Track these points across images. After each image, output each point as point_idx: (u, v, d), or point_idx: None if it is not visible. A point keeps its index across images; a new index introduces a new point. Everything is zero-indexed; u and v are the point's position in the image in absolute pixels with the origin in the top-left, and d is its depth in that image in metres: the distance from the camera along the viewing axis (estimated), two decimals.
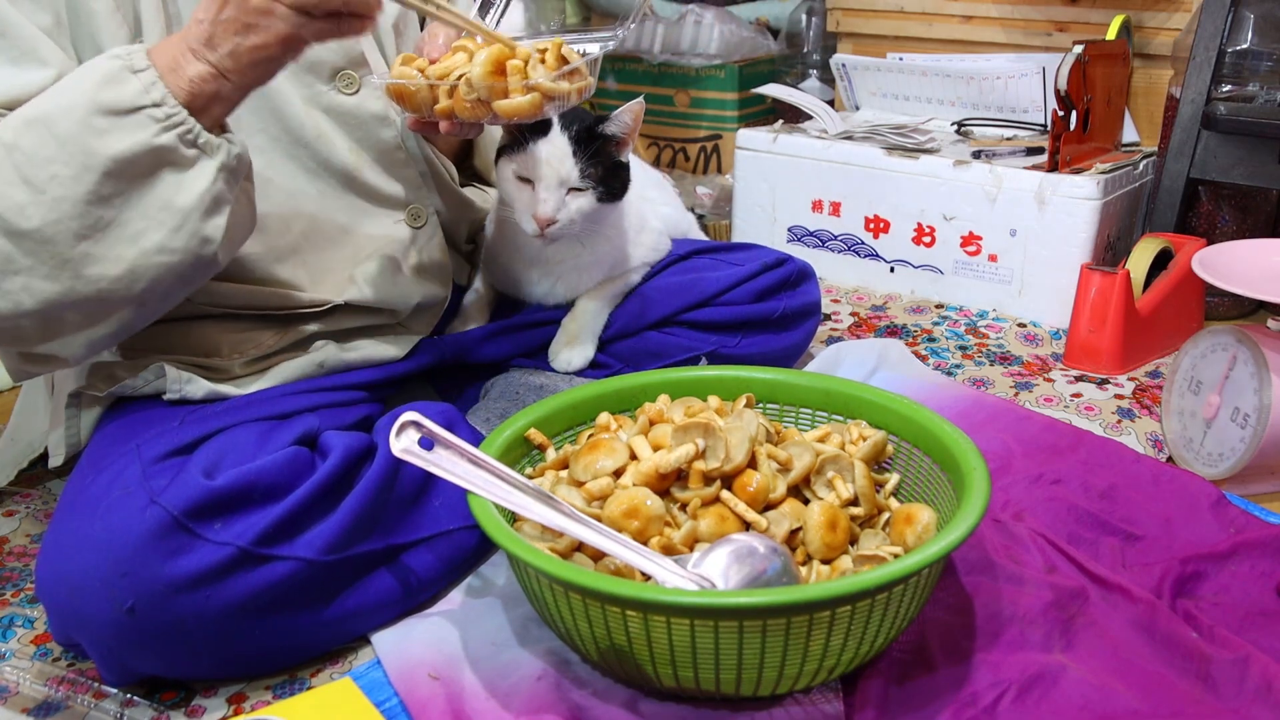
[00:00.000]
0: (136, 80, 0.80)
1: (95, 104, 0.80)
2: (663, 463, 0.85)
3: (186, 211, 0.83)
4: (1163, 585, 0.91)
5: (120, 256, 0.82)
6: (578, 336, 1.20)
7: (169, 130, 0.81)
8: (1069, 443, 1.15)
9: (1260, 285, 1.08)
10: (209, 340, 1.01)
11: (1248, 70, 1.49)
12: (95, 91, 0.80)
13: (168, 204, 0.82)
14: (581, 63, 0.92)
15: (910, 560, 0.73)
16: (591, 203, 1.10)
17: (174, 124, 0.81)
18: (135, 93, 0.80)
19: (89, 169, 0.80)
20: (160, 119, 0.81)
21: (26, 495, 1.15)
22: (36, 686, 0.83)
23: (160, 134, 0.81)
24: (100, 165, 0.80)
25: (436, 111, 0.91)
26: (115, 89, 0.80)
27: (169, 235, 0.83)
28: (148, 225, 0.82)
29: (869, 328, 1.56)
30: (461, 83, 0.89)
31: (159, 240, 0.83)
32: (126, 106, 0.80)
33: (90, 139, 0.79)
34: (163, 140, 0.81)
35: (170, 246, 0.83)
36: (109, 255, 0.82)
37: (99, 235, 0.81)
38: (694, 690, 0.78)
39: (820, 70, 2.16)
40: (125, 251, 0.82)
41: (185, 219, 0.83)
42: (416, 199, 1.10)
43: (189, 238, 0.84)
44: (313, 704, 0.80)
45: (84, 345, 0.87)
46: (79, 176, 0.79)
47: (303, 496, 0.85)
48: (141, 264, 0.83)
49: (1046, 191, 1.52)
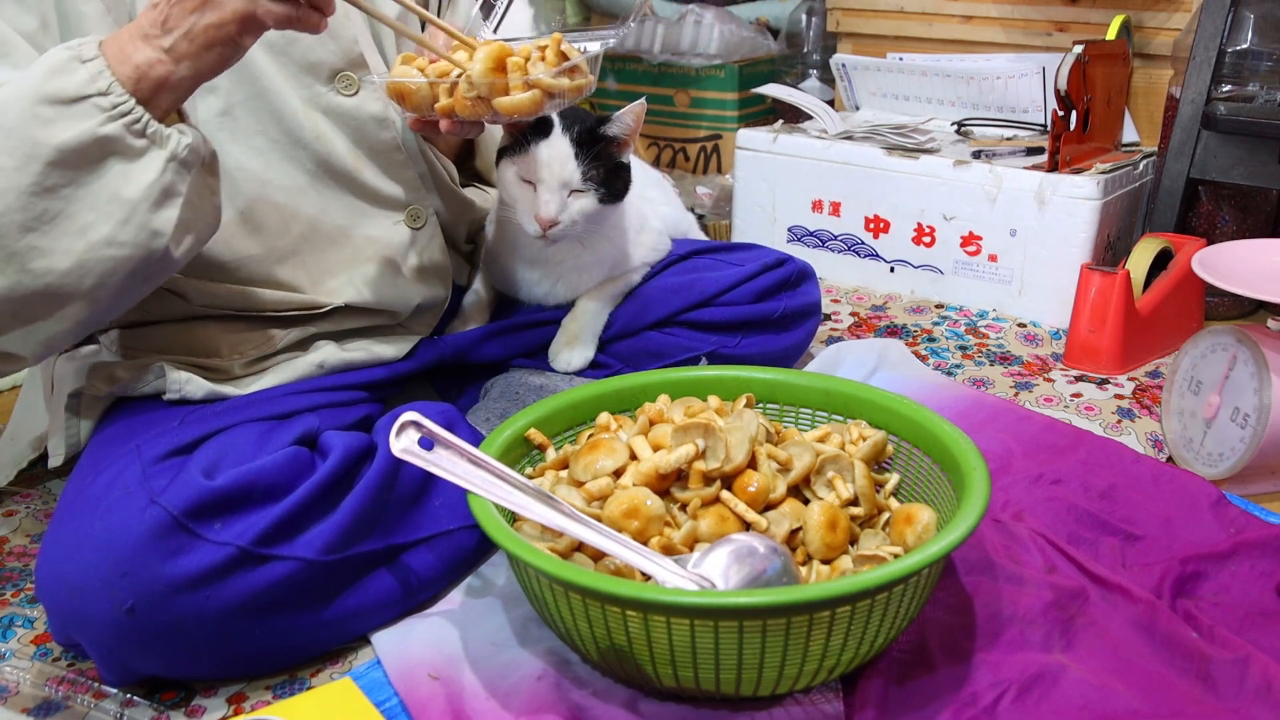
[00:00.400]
0: (84, 69, 0.79)
1: (41, 93, 0.78)
2: (663, 463, 0.85)
3: (134, 203, 0.81)
4: (1163, 585, 0.91)
5: (68, 249, 0.81)
6: (578, 337, 1.20)
7: (115, 120, 0.79)
8: (1069, 443, 1.15)
9: (1260, 285, 1.08)
10: (209, 340, 1.01)
11: (1248, 70, 1.49)
12: (42, 81, 0.79)
13: (115, 195, 0.81)
14: (581, 59, 0.91)
15: (910, 560, 0.73)
16: (593, 204, 1.10)
17: (120, 113, 0.80)
18: (81, 82, 0.79)
19: (33, 158, 0.78)
20: (106, 108, 0.79)
21: (26, 495, 1.15)
22: (36, 686, 0.83)
23: (106, 123, 0.79)
24: (45, 155, 0.78)
25: (437, 110, 0.91)
26: (62, 78, 0.79)
27: (117, 227, 0.81)
28: (95, 217, 0.81)
29: (869, 328, 1.56)
30: (461, 80, 0.88)
31: (106, 233, 0.81)
32: (71, 95, 0.79)
33: (35, 128, 0.78)
34: (108, 130, 0.79)
35: (118, 239, 0.81)
36: (56, 248, 0.80)
37: (45, 227, 0.80)
38: (694, 690, 0.78)
39: (820, 70, 2.16)
40: (73, 244, 0.81)
41: (133, 211, 0.81)
42: (416, 200, 1.10)
43: (137, 230, 0.82)
44: (313, 704, 0.80)
45: (40, 343, 0.85)
46: (23, 167, 0.78)
47: (303, 496, 0.85)
48: (90, 257, 0.81)
49: (1046, 191, 1.52)
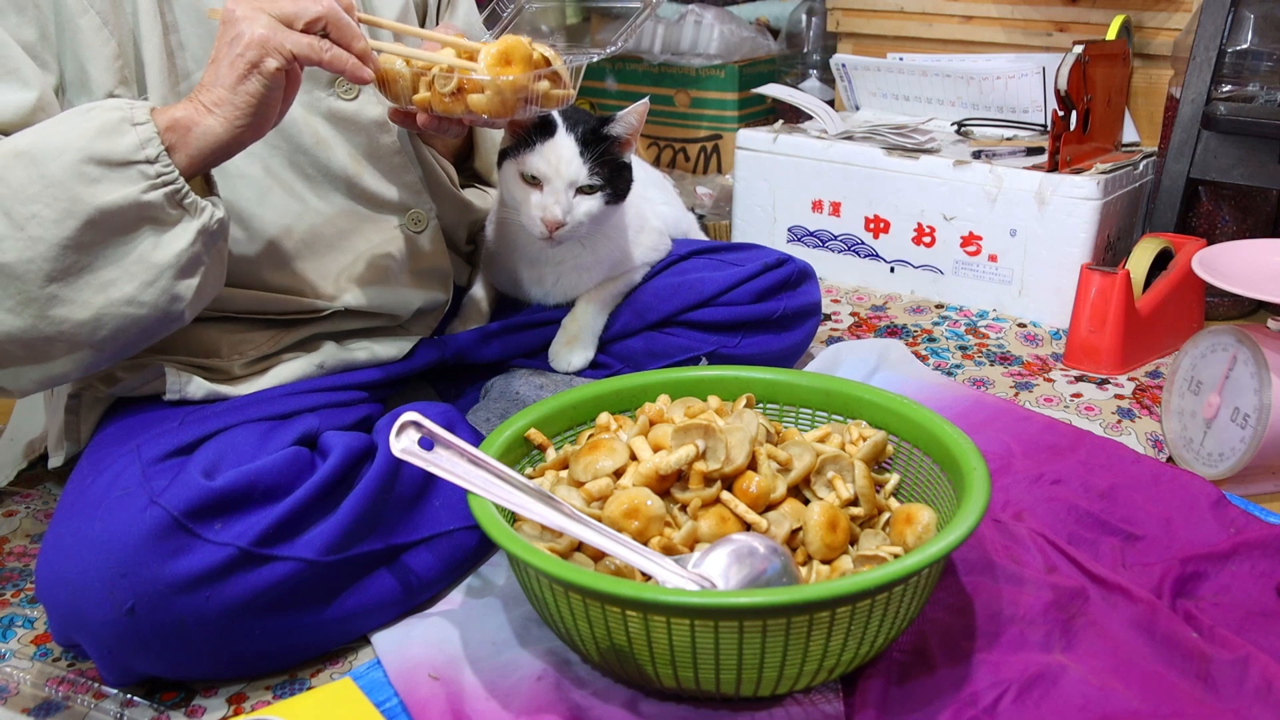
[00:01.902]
0: (134, 133, 0.80)
1: (90, 152, 0.79)
2: (663, 464, 0.85)
3: (162, 269, 0.83)
4: (1163, 585, 0.91)
5: (88, 302, 0.82)
6: (578, 337, 1.20)
7: (158, 188, 0.81)
8: (1069, 443, 1.15)
9: (1260, 285, 1.08)
10: (208, 341, 1.01)
11: (1248, 70, 1.49)
12: (92, 139, 0.79)
13: (144, 259, 0.82)
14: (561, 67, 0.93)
15: (910, 560, 0.73)
16: (599, 205, 1.10)
17: (164, 182, 0.81)
18: (131, 146, 0.80)
19: (73, 215, 0.79)
20: (151, 176, 0.81)
21: (26, 495, 1.15)
22: (36, 686, 0.83)
23: (149, 191, 0.81)
24: (84, 213, 0.79)
25: (415, 101, 0.91)
26: (111, 140, 0.80)
27: (140, 289, 0.83)
28: (120, 276, 0.82)
29: (869, 328, 1.56)
30: (436, 74, 0.89)
31: (129, 292, 0.83)
32: (120, 159, 0.80)
33: (79, 186, 0.79)
34: (150, 197, 0.81)
35: (140, 299, 0.83)
36: (77, 299, 0.81)
37: (70, 279, 0.81)
38: (694, 690, 0.78)
39: (820, 70, 2.16)
40: (93, 298, 0.82)
41: (159, 275, 0.83)
42: (416, 204, 1.10)
43: (159, 294, 0.84)
44: (313, 704, 0.80)
45: (34, 380, 0.86)
46: (61, 221, 0.79)
47: (303, 497, 0.85)
48: (108, 313, 0.83)
49: (1046, 191, 1.52)
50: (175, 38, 0.94)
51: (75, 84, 0.89)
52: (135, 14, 0.91)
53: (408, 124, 0.97)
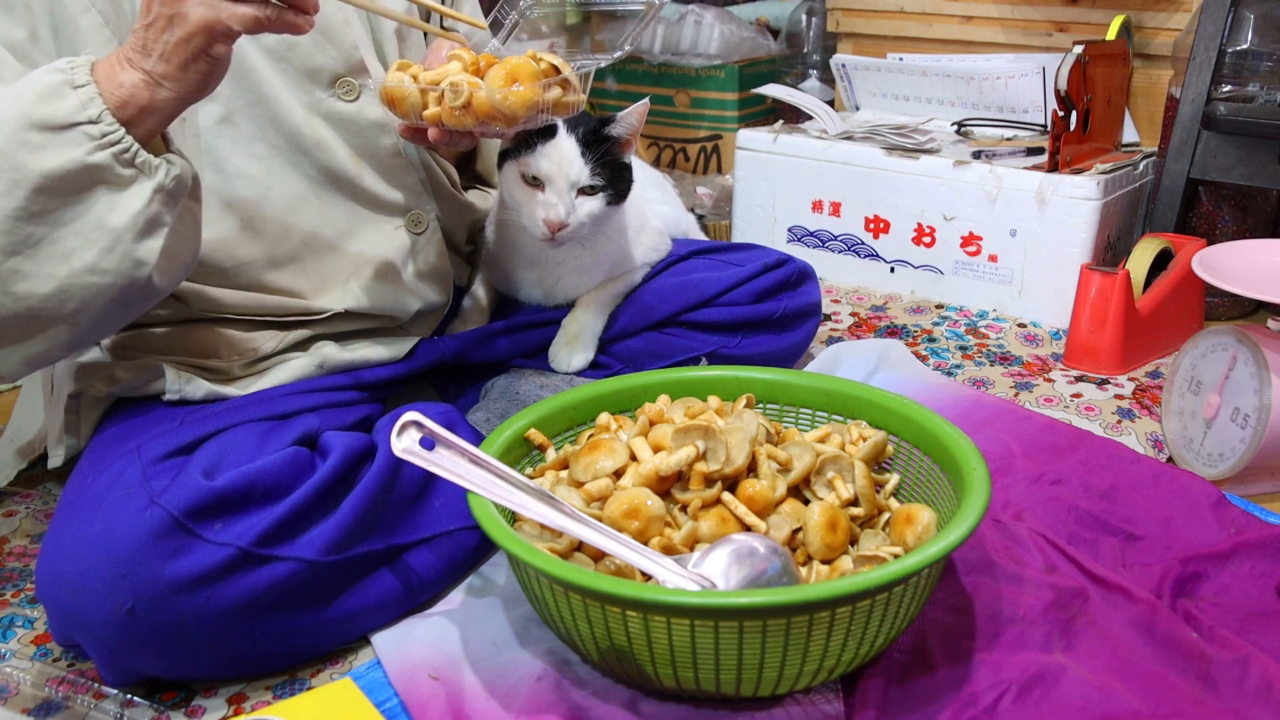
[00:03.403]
0: (74, 95, 0.78)
1: (30, 118, 0.78)
2: (663, 465, 0.85)
3: (119, 232, 0.81)
4: (1163, 585, 0.91)
5: (50, 274, 0.80)
6: (578, 337, 1.20)
7: (104, 149, 0.79)
8: (1069, 443, 1.15)
9: (1260, 285, 1.08)
10: (208, 342, 1.01)
11: (1248, 70, 1.49)
12: (32, 105, 0.78)
13: (100, 223, 0.80)
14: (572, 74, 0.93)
15: (910, 560, 0.73)
16: (601, 205, 1.10)
17: (109, 142, 0.79)
18: (71, 108, 0.78)
19: (19, 184, 0.78)
20: (95, 136, 0.79)
21: (26, 495, 1.15)
22: (36, 686, 0.83)
23: (94, 152, 0.79)
24: (31, 181, 0.78)
25: (425, 118, 0.92)
26: (52, 103, 0.78)
27: (100, 255, 0.81)
28: (79, 244, 0.80)
29: (869, 328, 1.56)
30: (446, 89, 0.89)
31: (90, 260, 0.81)
32: (61, 122, 0.78)
33: (23, 154, 0.77)
34: (96, 158, 0.79)
35: (101, 267, 0.81)
36: (39, 272, 0.80)
37: (29, 251, 0.79)
38: (694, 691, 0.78)
39: (820, 70, 2.16)
40: (55, 269, 0.80)
41: (118, 240, 0.81)
42: (417, 205, 1.10)
43: (121, 259, 0.81)
44: (313, 704, 0.80)
45: (19, 362, 0.85)
46: (9, 191, 0.78)
47: (303, 497, 0.85)
48: (72, 284, 0.81)
49: (1046, 192, 1.52)
50: None
51: None
52: (134, 12, 0.91)
53: (419, 139, 0.97)
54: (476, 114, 0.90)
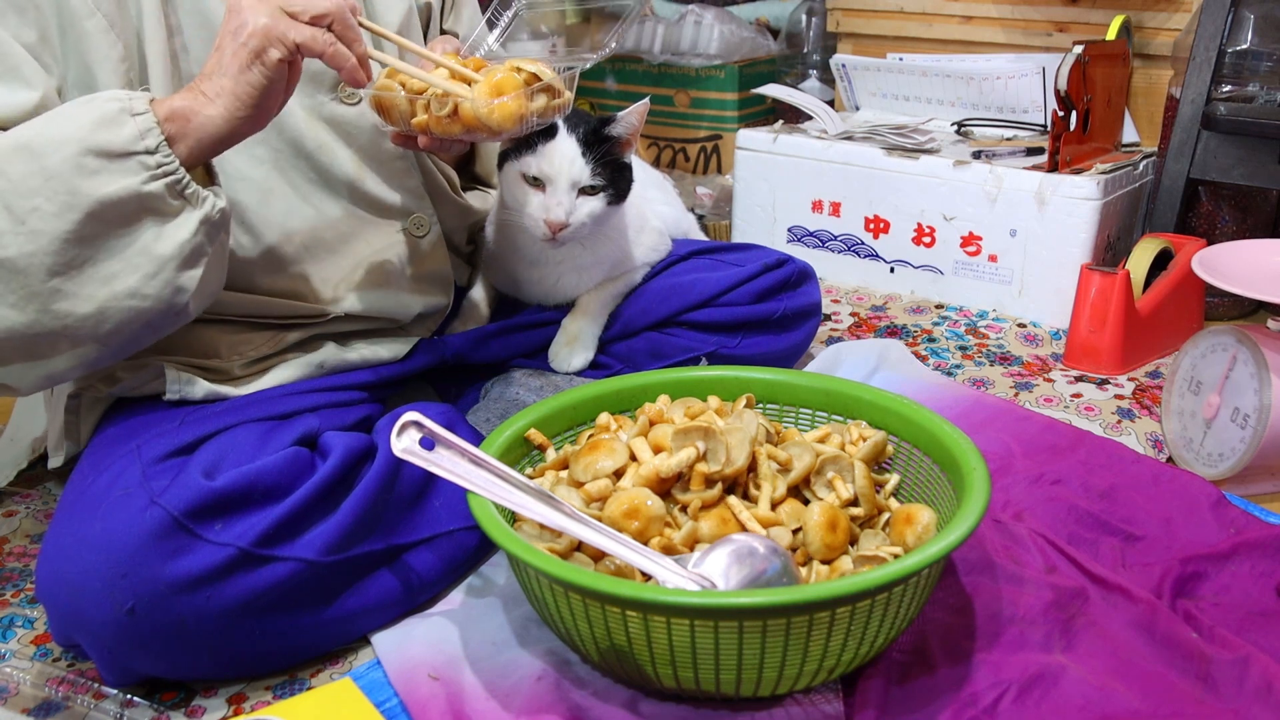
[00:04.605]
0: (133, 124, 0.80)
1: (89, 144, 0.79)
2: (664, 467, 0.85)
3: (164, 260, 0.83)
4: (1163, 585, 0.91)
5: (91, 296, 0.81)
6: (578, 337, 1.20)
7: (158, 179, 0.80)
8: (1069, 443, 1.15)
9: (1260, 285, 1.08)
10: (208, 342, 1.01)
11: (1248, 70, 1.49)
12: (91, 131, 0.79)
13: (146, 250, 0.82)
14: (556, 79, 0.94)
15: (910, 560, 0.73)
16: (601, 205, 1.10)
17: (164, 173, 0.81)
18: (130, 137, 0.79)
19: (73, 208, 0.79)
20: (151, 166, 0.80)
21: (26, 495, 1.15)
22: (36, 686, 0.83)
23: (149, 181, 0.80)
24: (85, 206, 0.79)
25: (414, 125, 0.92)
26: (110, 130, 0.79)
27: (143, 281, 0.82)
28: (123, 269, 0.82)
29: (869, 328, 1.56)
30: (432, 98, 0.90)
31: (132, 285, 0.82)
32: (119, 150, 0.79)
33: (79, 179, 0.78)
34: (151, 188, 0.80)
35: (143, 292, 0.83)
36: (80, 293, 0.81)
37: (73, 273, 0.80)
38: (694, 691, 0.78)
39: (820, 70, 2.16)
40: (97, 291, 0.81)
41: (162, 267, 0.83)
42: (418, 208, 1.10)
43: (163, 286, 0.83)
44: (313, 704, 0.80)
45: (41, 377, 0.86)
46: (61, 214, 0.78)
47: (303, 497, 0.85)
48: (111, 306, 0.82)
49: (1046, 192, 1.52)
50: (179, 40, 0.94)
51: (79, 86, 0.89)
52: (140, 16, 0.91)
53: (410, 146, 0.98)
54: (464, 123, 0.91)
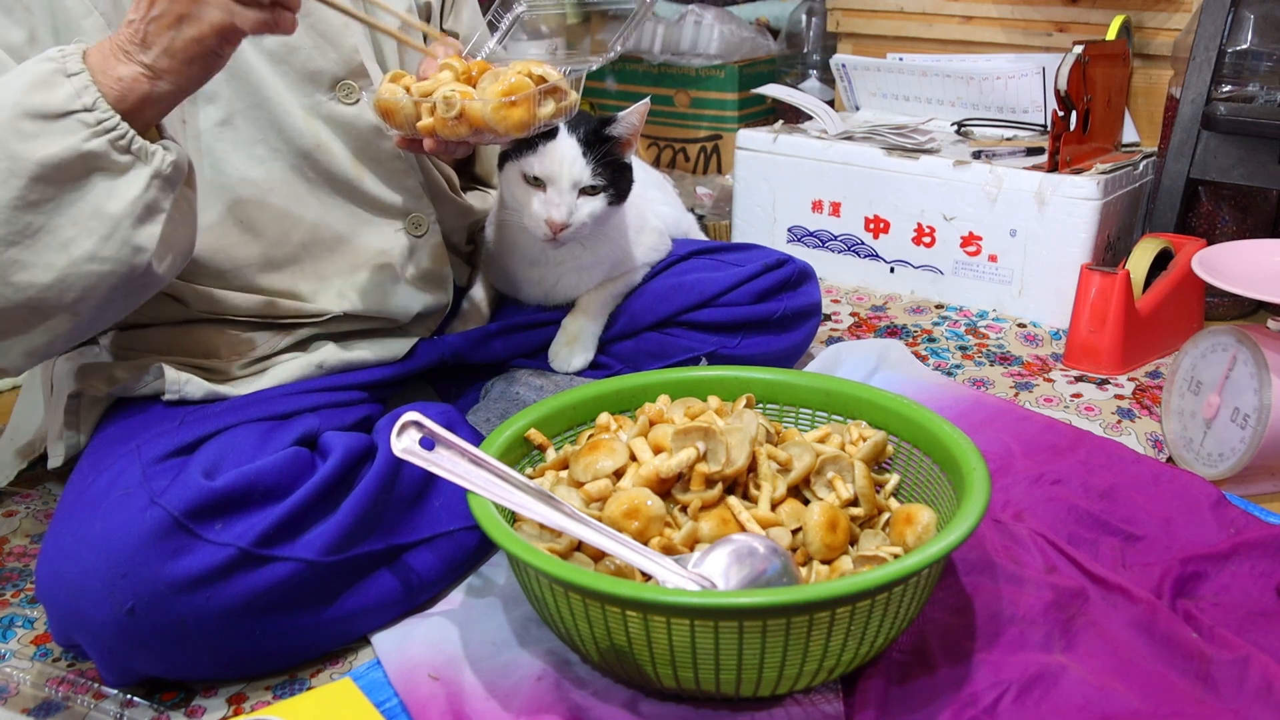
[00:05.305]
0: (68, 84, 0.78)
1: (24, 107, 0.77)
2: (664, 467, 0.85)
3: (117, 219, 0.81)
4: (1163, 585, 0.91)
5: (50, 264, 0.80)
6: (578, 337, 1.20)
7: (100, 136, 0.79)
8: (1069, 443, 1.15)
9: (1260, 285, 1.08)
10: (208, 342, 1.01)
11: (1248, 70, 1.49)
12: (25, 94, 0.78)
13: (98, 211, 0.80)
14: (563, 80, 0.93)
15: (910, 560, 0.73)
16: (602, 205, 1.10)
17: (105, 129, 0.79)
18: (66, 97, 0.78)
19: (15, 174, 0.78)
20: (91, 124, 0.79)
21: (26, 495, 1.15)
22: (36, 687, 0.83)
23: (90, 139, 0.79)
24: (27, 170, 0.78)
25: (419, 129, 0.92)
26: (46, 92, 0.78)
27: (99, 243, 0.81)
28: (78, 232, 0.80)
29: (869, 328, 1.56)
30: (439, 101, 0.90)
31: (89, 248, 0.81)
32: (56, 110, 0.78)
33: (17, 143, 0.77)
34: (93, 145, 0.79)
35: (100, 255, 0.81)
36: (38, 262, 0.80)
37: (27, 241, 0.79)
38: (694, 691, 0.78)
39: (820, 70, 2.16)
40: (55, 259, 0.80)
41: (116, 227, 0.81)
42: (416, 208, 1.10)
43: (120, 246, 0.81)
44: (313, 704, 0.80)
45: (21, 354, 0.85)
46: (4, 181, 0.77)
47: (303, 497, 0.85)
48: (71, 272, 0.81)
49: (1046, 192, 1.52)
50: None
51: None
52: None
53: (415, 149, 0.97)
54: (470, 124, 0.90)
